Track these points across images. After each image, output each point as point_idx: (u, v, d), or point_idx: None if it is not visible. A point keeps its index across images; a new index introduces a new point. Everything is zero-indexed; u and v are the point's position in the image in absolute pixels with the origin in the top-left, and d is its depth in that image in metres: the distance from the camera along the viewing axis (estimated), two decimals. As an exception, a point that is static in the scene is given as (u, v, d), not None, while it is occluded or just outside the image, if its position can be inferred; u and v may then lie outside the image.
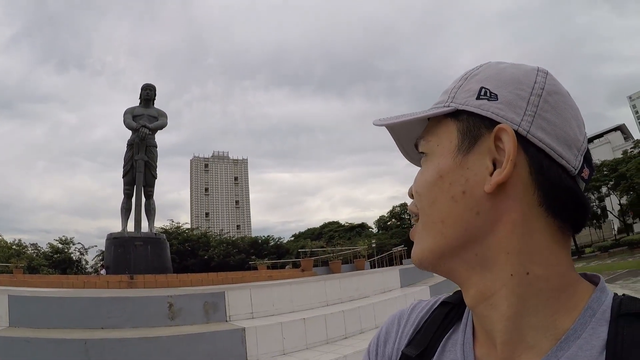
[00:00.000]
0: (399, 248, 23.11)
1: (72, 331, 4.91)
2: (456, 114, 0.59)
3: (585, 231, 58.62)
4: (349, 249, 25.46)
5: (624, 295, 0.56)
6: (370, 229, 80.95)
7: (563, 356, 0.50)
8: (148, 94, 14.01)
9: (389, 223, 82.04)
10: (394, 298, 8.51)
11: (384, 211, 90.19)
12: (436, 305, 0.72)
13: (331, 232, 73.92)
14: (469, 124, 0.58)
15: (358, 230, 76.45)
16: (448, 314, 0.69)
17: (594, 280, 0.58)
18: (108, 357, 4.38)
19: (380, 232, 77.90)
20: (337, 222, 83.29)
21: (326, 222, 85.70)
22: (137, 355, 4.46)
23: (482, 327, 0.58)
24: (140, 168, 13.18)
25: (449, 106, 0.59)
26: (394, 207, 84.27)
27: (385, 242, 52.03)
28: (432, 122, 0.63)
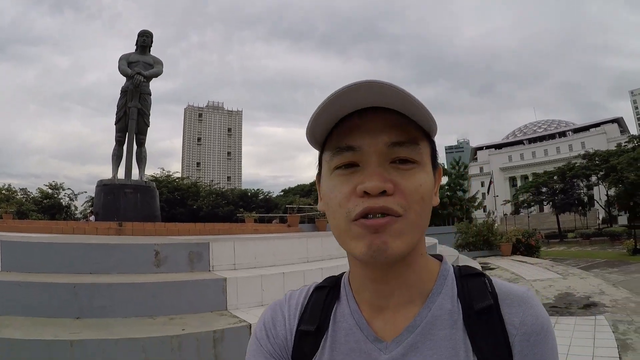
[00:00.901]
0: None
1: (62, 276, 5.12)
2: (428, 136, 0.77)
3: (569, 216, 59.45)
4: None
5: (458, 265, 0.87)
6: None
7: (434, 305, 0.76)
8: (144, 40, 13.87)
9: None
10: None
11: None
12: (311, 291, 0.89)
13: None
14: (433, 148, 0.78)
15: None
16: (327, 295, 0.86)
17: (438, 257, 0.86)
18: (96, 300, 4.63)
19: None
20: None
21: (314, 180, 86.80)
22: (124, 299, 4.72)
23: (374, 297, 0.79)
24: (133, 115, 13.18)
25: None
26: None
27: None
28: (418, 131, 0.74)
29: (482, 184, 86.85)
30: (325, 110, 0.69)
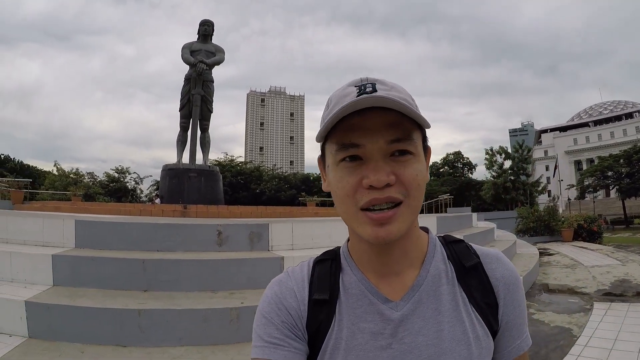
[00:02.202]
0: (445, 196, 23.01)
1: (132, 252, 5.53)
2: (420, 126, 0.83)
3: (636, 201, 56.01)
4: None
5: (441, 235, 1.02)
6: None
7: (430, 266, 0.91)
8: (206, 29, 14.05)
9: (441, 170, 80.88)
10: None
11: (438, 158, 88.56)
12: (312, 264, 0.96)
13: None
14: (423, 134, 0.86)
15: (410, 174, 75.90)
16: (331, 266, 0.94)
17: (424, 229, 0.99)
18: (163, 275, 4.99)
19: (432, 178, 77.43)
20: None
21: None
22: (188, 274, 5.06)
23: (378, 266, 0.89)
24: (197, 102, 13.41)
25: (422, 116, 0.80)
26: (447, 155, 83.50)
27: (436, 189, 51.70)
28: (413, 125, 0.81)
29: (547, 168, 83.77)
30: (334, 116, 0.77)
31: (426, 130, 0.85)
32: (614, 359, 5.20)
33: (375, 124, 0.77)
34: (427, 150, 0.87)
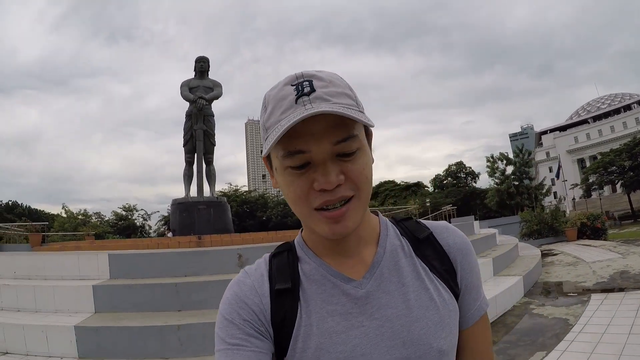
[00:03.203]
0: (448, 207, 23.25)
1: (163, 278, 6.21)
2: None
3: None
4: (400, 208, 26.00)
5: (391, 217, 1.07)
6: (426, 188, 79.95)
7: (386, 243, 0.94)
8: (202, 66, 14.43)
9: (444, 182, 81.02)
10: None
11: (441, 169, 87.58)
12: (268, 259, 0.95)
13: (387, 192, 73.88)
14: (366, 128, 0.86)
15: (414, 189, 75.41)
16: (287, 257, 0.93)
17: (374, 213, 1.02)
18: (194, 296, 5.70)
19: (436, 191, 77.06)
20: (393, 182, 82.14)
21: (382, 181, 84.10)
22: (216, 293, 5.69)
23: (335, 253, 0.91)
24: (199, 137, 13.77)
25: (362, 112, 0.81)
26: (449, 166, 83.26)
27: (440, 201, 51.27)
28: (354, 124, 0.79)
29: (550, 170, 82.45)
30: (279, 132, 0.74)
31: (357, 139, 0.80)
32: (604, 342, 5.71)
33: (318, 128, 0.76)
34: (369, 135, 0.88)
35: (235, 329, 0.83)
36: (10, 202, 74.98)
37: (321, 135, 0.77)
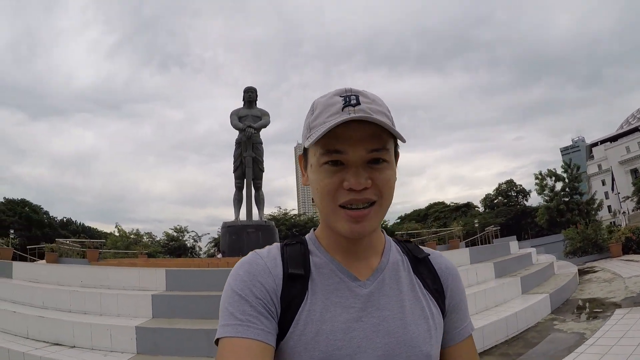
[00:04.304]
0: (492, 228, 23.02)
1: (212, 292, 7.14)
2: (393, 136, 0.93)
3: None
4: (444, 230, 26.07)
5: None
6: (476, 208, 78.02)
7: (389, 256, 1.05)
8: (250, 96, 15.01)
9: (495, 201, 79.09)
10: (464, 273, 9.75)
11: (492, 188, 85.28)
12: (281, 246, 1.03)
13: (437, 213, 72.96)
14: (395, 142, 0.96)
15: (464, 210, 74.43)
16: (300, 249, 1.02)
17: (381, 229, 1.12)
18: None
19: (486, 211, 75.45)
20: (443, 203, 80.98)
21: (432, 202, 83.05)
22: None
23: (346, 253, 1.00)
24: (249, 164, 14.30)
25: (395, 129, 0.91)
26: (499, 185, 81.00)
27: (490, 221, 49.69)
28: (389, 136, 0.91)
29: (603, 183, 77.62)
30: (326, 127, 0.86)
31: (388, 152, 0.92)
32: (612, 353, 6.11)
33: (357, 134, 0.87)
34: (396, 155, 0.98)
35: (247, 306, 0.87)
36: (65, 219, 78.19)
37: (359, 141, 0.88)
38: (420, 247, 1.16)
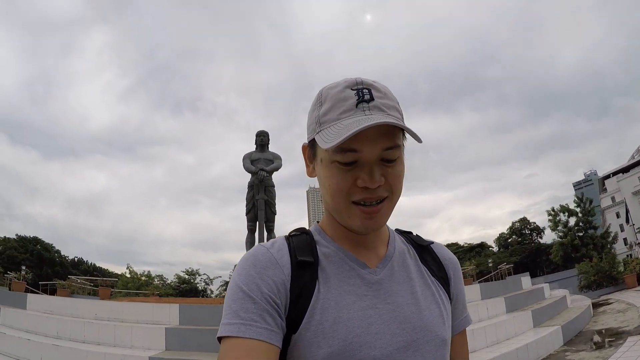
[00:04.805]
0: (504, 266, 22.90)
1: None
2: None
3: None
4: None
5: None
6: (490, 248, 77.39)
7: (395, 245, 1.07)
8: (262, 139, 15.00)
9: (509, 240, 78.49)
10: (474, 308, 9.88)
11: (506, 227, 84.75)
12: (285, 237, 1.02)
13: None
14: (403, 139, 0.95)
15: (477, 250, 73.69)
16: (306, 239, 1.01)
17: None
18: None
19: (500, 250, 75.05)
20: (456, 244, 79.90)
21: (446, 244, 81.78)
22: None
23: (354, 243, 1.01)
24: (261, 206, 14.25)
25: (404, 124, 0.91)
26: (513, 223, 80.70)
27: (505, 260, 49.77)
28: (400, 136, 0.91)
29: (618, 215, 76.90)
30: (349, 133, 0.83)
31: (399, 148, 0.91)
32: None
33: (373, 134, 0.86)
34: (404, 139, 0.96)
35: (251, 304, 0.84)
36: (76, 259, 78.70)
37: (373, 140, 0.86)
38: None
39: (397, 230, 1.16)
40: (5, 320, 9.95)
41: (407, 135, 0.92)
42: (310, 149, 0.99)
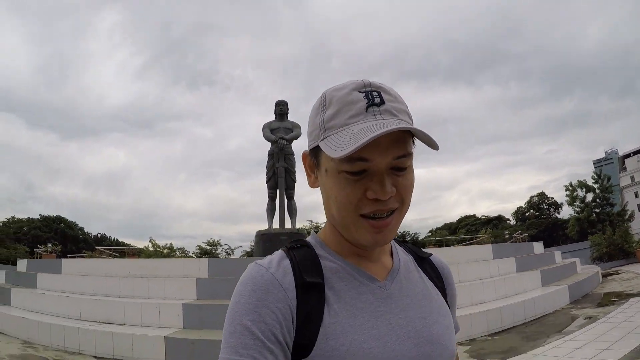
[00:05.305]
0: (519, 235, 23.01)
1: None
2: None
3: None
4: (473, 237, 26.35)
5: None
6: (508, 221, 77.14)
7: (398, 256, 1.03)
8: (281, 109, 15.28)
9: (527, 214, 78.15)
10: (485, 265, 10.32)
11: (524, 202, 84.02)
12: (285, 252, 0.92)
13: (468, 226, 71.63)
14: (413, 146, 0.86)
15: (495, 222, 73.31)
16: (309, 253, 0.93)
17: None
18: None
19: (517, 223, 74.48)
20: (474, 216, 79.70)
21: (462, 216, 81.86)
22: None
23: (359, 257, 0.94)
24: (281, 174, 14.63)
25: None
26: (531, 197, 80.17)
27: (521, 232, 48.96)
28: (411, 143, 0.84)
29: (636, 195, 76.79)
30: (363, 141, 0.75)
31: (410, 157, 0.85)
32: (620, 327, 6.78)
33: (385, 141, 0.79)
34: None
35: (251, 339, 0.77)
36: (99, 235, 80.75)
37: (385, 148, 0.80)
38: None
39: (395, 240, 1.10)
40: (42, 284, 10.62)
41: (416, 141, 0.85)
42: (313, 158, 0.92)
